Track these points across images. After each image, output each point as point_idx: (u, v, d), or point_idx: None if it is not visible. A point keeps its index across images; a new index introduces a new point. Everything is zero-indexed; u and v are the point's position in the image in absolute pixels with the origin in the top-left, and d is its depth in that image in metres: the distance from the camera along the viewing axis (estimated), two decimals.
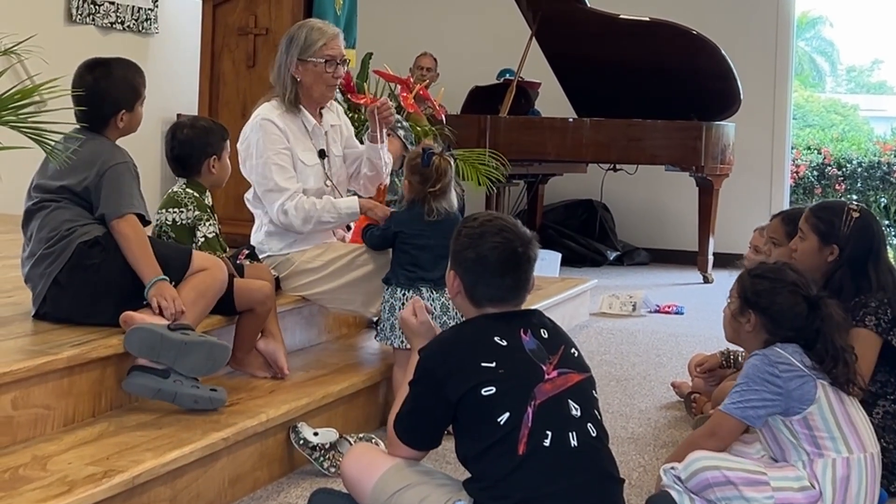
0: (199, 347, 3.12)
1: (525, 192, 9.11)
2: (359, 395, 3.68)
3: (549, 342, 2.55)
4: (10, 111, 2.82)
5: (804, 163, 10.30)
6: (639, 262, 8.99)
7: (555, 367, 2.50)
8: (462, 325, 2.63)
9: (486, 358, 2.46)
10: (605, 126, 7.60)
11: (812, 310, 2.87)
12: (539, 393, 2.44)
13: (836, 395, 2.83)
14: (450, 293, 2.67)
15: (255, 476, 3.16)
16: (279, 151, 3.93)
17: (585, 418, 2.48)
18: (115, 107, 3.35)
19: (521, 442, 2.39)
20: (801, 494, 2.77)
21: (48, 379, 2.93)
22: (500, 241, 2.55)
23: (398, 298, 3.73)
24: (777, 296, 2.88)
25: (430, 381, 2.51)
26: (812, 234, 3.34)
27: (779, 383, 2.80)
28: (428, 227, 3.71)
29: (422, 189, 3.72)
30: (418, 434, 2.60)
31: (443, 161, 3.72)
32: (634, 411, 4.21)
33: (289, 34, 4.06)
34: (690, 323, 6.27)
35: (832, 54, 26.97)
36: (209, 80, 5.67)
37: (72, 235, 3.23)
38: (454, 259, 2.62)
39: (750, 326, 2.93)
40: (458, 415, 2.48)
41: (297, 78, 3.98)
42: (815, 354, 2.84)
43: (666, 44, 7.60)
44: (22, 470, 2.63)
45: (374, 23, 8.28)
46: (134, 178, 3.32)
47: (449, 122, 6.14)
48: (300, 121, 4.04)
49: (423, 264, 3.71)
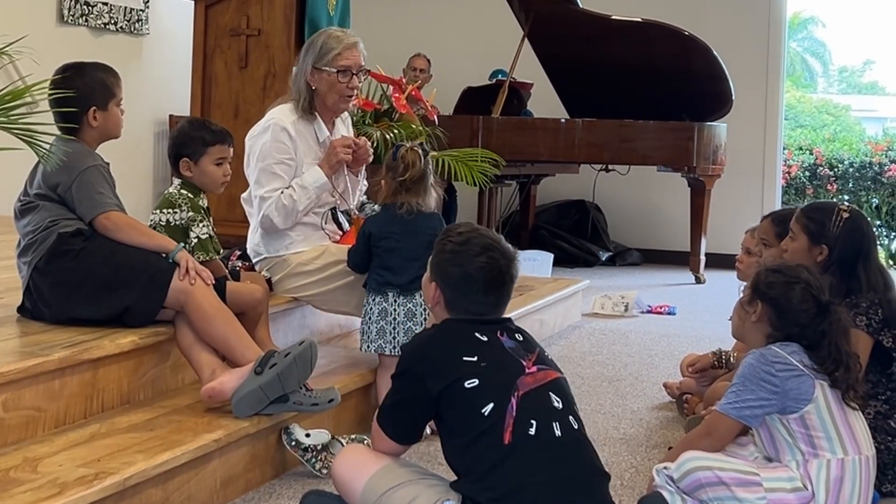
0: (292, 367, 3.16)
1: (517, 192, 9.12)
2: (351, 397, 3.68)
3: (524, 343, 2.62)
4: (1, 112, 2.81)
5: (796, 163, 10.31)
6: (631, 262, 9.00)
7: (534, 363, 2.56)
8: (442, 324, 2.66)
9: (468, 352, 2.51)
10: (598, 127, 7.61)
11: (820, 313, 2.87)
12: (521, 384, 2.49)
13: (834, 395, 2.83)
14: (428, 302, 2.71)
15: (247, 477, 3.16)
16: (282, 161, 3.92)
17: (567, 411, 2.53)
18: (85, 103, 3.36)
19: (507, 431, 2.42)
20: (794, 495, 2.77)
21: (39, 381, 2.93)
22: (485, 262, 2.60)
23: (368, 303, 3.78)
24: (788, 290, 2.89)
25: (412, 375, 2.55)
26: (802, 234, 3.35)
27: (775, 382, 2.80)
28: (399, 228, 3.71)
29: (396, 187, 3.73)
30: (400, 427, 2.64)
31: (410, 152, 3.72)
32: (626, 412, 4.21)
33: (310, 39, 4.05)
34: (682, 323, 6.27)
35: (824, 55, 27.02)
36: (201, 82, 5.66)
37: (54, 227, 3.29)
38: (436, 271, 2.66)
39: (755, 317, 2.93)
40: (442, 411, 2.51)
41: (312, 86, 3.98)
42: (817, 356, 2.84)
43: (658, 44, 7.61)
44: (13, 472, 2.62)
45: (367, 24, 8.27)
46: (105, 179, 3.37)
47: (441, 123, 6.13)
48: (313, 129, 4.02)
49: (393, 267, 3.73)
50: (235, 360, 3.30)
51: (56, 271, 3.28)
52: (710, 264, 8.05)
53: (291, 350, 3.21)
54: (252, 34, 5.58)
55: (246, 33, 5.59)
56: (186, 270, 3.27)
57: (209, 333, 3.28)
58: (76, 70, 3.43)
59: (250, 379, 3.16)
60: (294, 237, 4.02)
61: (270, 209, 3.91)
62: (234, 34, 5.61)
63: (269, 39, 5.58)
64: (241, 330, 3.34)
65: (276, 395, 3.16)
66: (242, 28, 5.58)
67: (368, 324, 3.76)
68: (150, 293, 3.27)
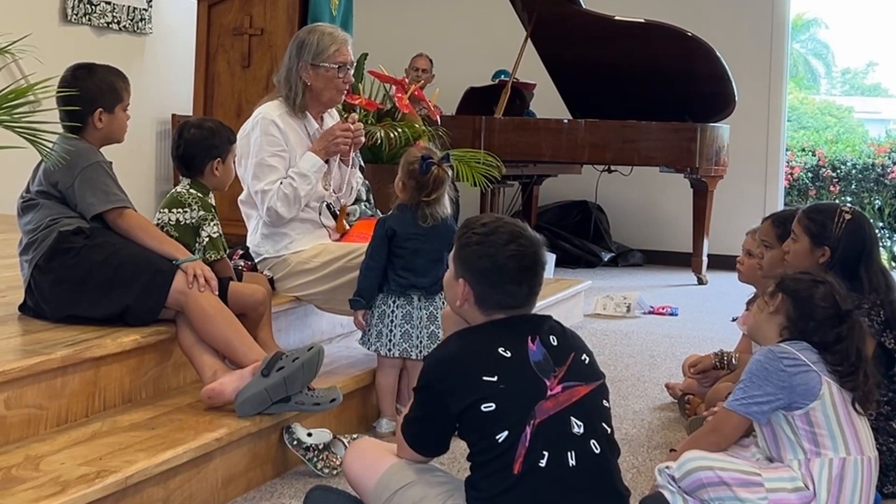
0: (298, 372, 3.16)
1: (520, 193, 9.11)
2: (353, 396, 3.68)
3: (557, 350, 2.48)
4: (4, 111, 2.81)
5: (798, 164, 10.31)
6: (633, 263, 9.00)
7: (560, 381, 2.43)
8: (466, 333, 2.54)
9: (488, 372, 2.40)
10: (600, 127, 7.60)
11: (839, 317, 2.88)
12: (539, 411, 2.38)
13: (840, 395, 2.83)
14: (456, 302, 2.56)
15: (248, 477, 3.16)
16: (275, 153, 3.94)
17: (588, 435, 2.42)
18: (92, 104, 3.38)
19: (517, 462, 2.35)
20: (795, 495, 2.77)
21: (41, 379, 2.93)
22: (516, 250, 2.49)
23: (389, 306, 3.72)
24: (813, 287, 2.90)
25: (432, 392, 2.47)
26: (804, 235, 3.35)
27: (783, 377, 2.80)
28: (422, 231, 3.68)
29: (416, 196, 3.68)
30: (423, 441, 2.57)
31: (441, 171, 3.67)
32: (628, 412, 4.21)
33: (298, 38, 4.06)
34: (684, 324, 6.27)
35: (827, 56, 27.01)
36: (204, 81, 5.67)
37: (55, 225, 3.30)
38: (463, 267, 2.52)
39: (773, 307, 2.92)
40: (461, 425, 2.45)
41: (308, 83, 4.00)
42: (833, 358, 2.84)
43: (661, 45, 7.60)
44: (14, 470, 2.62)
45: (370, 24, 8.28)
46: (108, 176, 3.38)
47: (444, 123, 6.14)
48: (303, 124, 4.05)
49: (416, 268, 3.69)
50: (237, 360, 3.29)
51: (57, 269, 3.28)
52: (712, 265, 8.04)
53: (300, 355, 3.19)
54: (255, 33, 5.60)
55: (249, 33, 5.60)
56: (195, 277, 3.26)
57: (210, 334, 3.28)
58: (87, 70, 3.44)
59: (256, 381, 3.15)
60: (294, 236, 4.03)
61: (273, 200, 3.92)
62: (236, 33, 5.62)
63: (271, 39, 5.58)
64: (243, 330, 3.33)
65: (279, 396, 3.16)
66: (245, 27, 5.59)
67: (391, 327, 3.70)
68: (150, 293, 3.27)
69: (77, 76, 3.41)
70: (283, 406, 3.19)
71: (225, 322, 3.29)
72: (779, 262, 3.53)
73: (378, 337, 3.72)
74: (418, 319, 3.69)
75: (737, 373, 3.87)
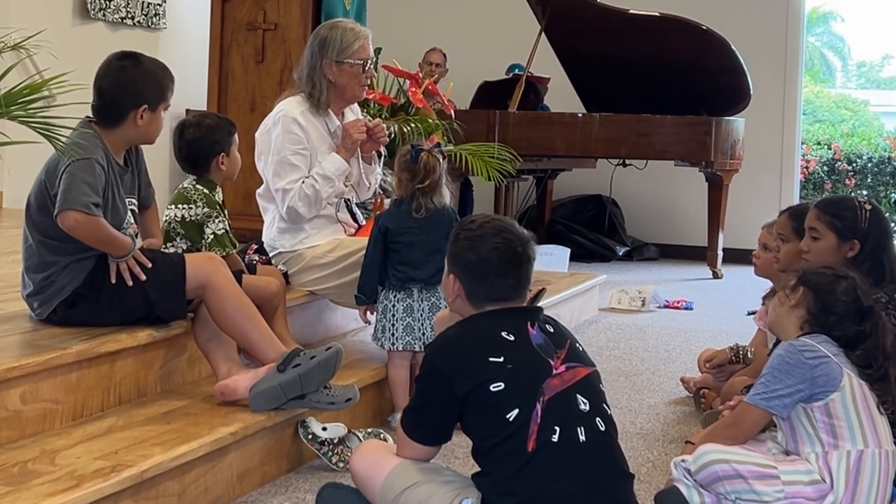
0: (315, 370, 3.14)
1: (534, 187, 9.11)
2: (367, 390, 3.67)
3: (555, 336, 2.55)
4: (20, 106, 2.81)
5: (814, 158, 10.28)
6: (648, 257, 8.98)
7: (562, 362, 2.50)
8: (467, 321, 2.60)
9: (494, 353, 2.45)
10: (615, 121, 7.59)
11: (860, 312, 2.86)
12: (547, 388, 2.43)
13: (860, 388, 2.82)
14: (447, 297, 2.66)
15: (263, 471, 3.16)
16: (297, 151, 3.93)
17: (594, 413, 2.48)
18: (137, 99, 3.22)
19: (531, 438, 2.38)
20: (811, 488, 2.75)
21: (57, 373, 2.93)
22: (500, 242, 2.56)
23: (390, 300, 3.73)
24: (835, 281, 2.88)
25: (437, 377, 2.50)
26: (829, 231, 3.29)
27: (805, 370, 2.78)
28: (416, 224, 3.68)
29: (410, 187, 3.70)
30: (427, 430, 2.59)
31: (431, 158, 3.68)
32: (643, 406, 4.20)
33: (320, 35, 4.05)
34: (699, 318, 6.26)
35: (842, 49, 26.87)
36: (218, 76, 5.68)
37: (53, 288, 3.18)
38: (453, 262, 2.61)
39: (794, 300, 2.91)
40: (466, 411, 2.47)
41: (332, 79, 4.00)
42: (858, 357, 2.82)
43: (675, 39, 7.58)
44: (30, 464, 2.63)
45: (384, 18, 8.27)
46: (86, 175, 3.08)
47: (458, 117, 6.14)
48: (324, 121, 4.04)
49: (414, 261, 3.70)
50: (255, 355, 3.28)
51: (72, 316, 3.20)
52: (727, 259, 8.02)
53: (318, 354, 3.17)
54: (268, 28, 5.61)
55: (262, 27, 5.61)
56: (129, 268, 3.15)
57: (227, 324, 3.23)
58: (134, 60, 3.27)
59: (272, 375, 3.14)
60: (309, 231, 4.03)
61: (294, 200, 3.92)
62: (250, 28, 5.63)
63: (285, 33, 5.59)
64: (263, 325, 3.29)
65: (294, 394, 3.15)
66: (259, 22, 5.60)
67: (393, 321, 3.71)
68: (170, 298, 3.22)
69: (124, 66, 3.23)
70: (297, 403, 3.18)
71: (244, 315, 3.25)
72: (795, 255, 3.50)
73: (383, 332, 3.73)
74: (419, 312, 3.70)
75: (752, 367, 3.86)
